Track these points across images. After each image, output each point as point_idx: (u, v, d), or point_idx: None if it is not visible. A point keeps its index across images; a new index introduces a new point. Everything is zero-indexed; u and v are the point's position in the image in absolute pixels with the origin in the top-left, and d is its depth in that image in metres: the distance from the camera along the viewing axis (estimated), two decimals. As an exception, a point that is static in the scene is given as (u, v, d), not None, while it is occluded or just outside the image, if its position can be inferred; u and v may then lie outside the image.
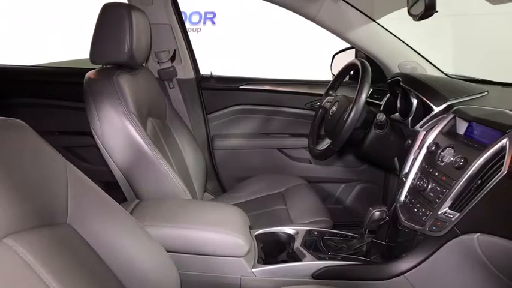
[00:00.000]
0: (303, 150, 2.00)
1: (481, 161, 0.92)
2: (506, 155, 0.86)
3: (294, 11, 1.61)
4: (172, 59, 1.86)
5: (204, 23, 4.79)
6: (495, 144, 0.90)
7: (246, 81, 2.02)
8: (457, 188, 0.97)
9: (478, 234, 0.91)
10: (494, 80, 1.55)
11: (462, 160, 0.99)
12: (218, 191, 2.05)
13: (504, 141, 0.88)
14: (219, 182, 2.05)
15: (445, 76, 1.69)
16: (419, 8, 1.03)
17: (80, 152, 2.06)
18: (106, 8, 1.27)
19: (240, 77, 2.06)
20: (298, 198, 1.66)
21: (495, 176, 0.87)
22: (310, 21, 1.64)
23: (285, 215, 1.54)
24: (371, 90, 1.71)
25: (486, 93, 1.31)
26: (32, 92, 2.04)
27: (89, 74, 1.28)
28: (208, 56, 2.14)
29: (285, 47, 4.27)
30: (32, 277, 0.62)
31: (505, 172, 0.85)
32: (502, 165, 0.86)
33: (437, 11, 1.01)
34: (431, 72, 1.69)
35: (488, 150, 0.91)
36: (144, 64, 1.56)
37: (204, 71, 2.03)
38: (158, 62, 1.84)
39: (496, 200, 0.88)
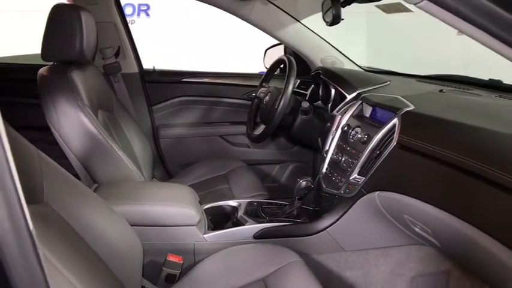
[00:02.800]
0: (242, 136, 2.18)
1: (379, 136, 1.18)
2: (396, 130, 1.11)
3: (229, 12, 1.78)
4: (117, 54, 1.95)
5: (138, 15, 4.74)
6: (389, 123, 1.15)
7: (187, 74, 2.15)
8: (362, 158, 1.22)
9: (378, 192, 1.16)
10: (398, 71, 1.86)
11: (366, 136, 1.25)
12: (165, 177, 2.16)
13: (395, 120, 1.13)
14: (165, 168, 2.17)
15: (358, 68, 1.96)
16: (330, 16, 1.26)
17: None
18: (56, 9, 1.34)
19: (181, 70, 2.19)
20: (239, 178, 1.84)
21: (388, 147, 1.12)
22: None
23: (228, 192, 1.73)
24: (298, 81, 1.94)
25: (388, 82, 1.57)
26: None
27: (42, 71, 1.35)
28: (143, 47, 2.20)
29: (220, 40, 4.37)
30: None
31: (395, 143, 1.10)
32: (393, 138, 1.11)
33: (343, 19, 1.25)
34: (348, 65, 1.95)
35: (384, 127, 1.16)
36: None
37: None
38: (103, 58, 1.91)
39: (389, 164, 1.13)
